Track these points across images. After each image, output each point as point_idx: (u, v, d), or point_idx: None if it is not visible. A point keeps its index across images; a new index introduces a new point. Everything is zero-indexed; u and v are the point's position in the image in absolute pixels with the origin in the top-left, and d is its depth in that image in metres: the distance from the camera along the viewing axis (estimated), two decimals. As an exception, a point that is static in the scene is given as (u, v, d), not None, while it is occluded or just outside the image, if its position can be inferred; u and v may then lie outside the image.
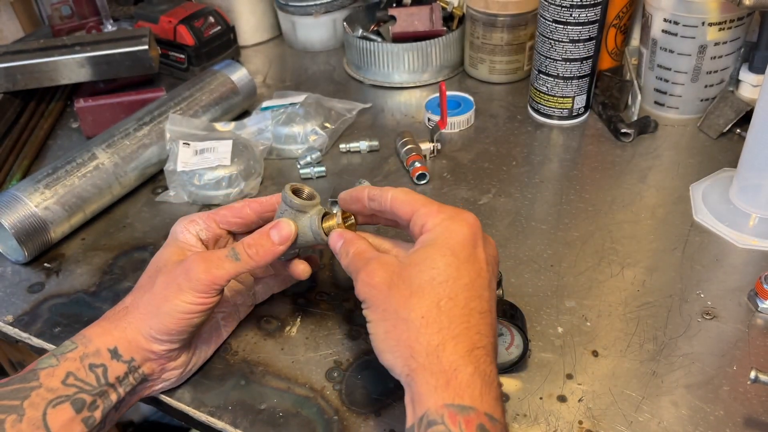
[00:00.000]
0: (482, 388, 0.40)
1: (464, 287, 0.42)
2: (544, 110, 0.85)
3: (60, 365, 0.47)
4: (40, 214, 0.66)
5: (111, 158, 0.73)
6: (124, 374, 0.48)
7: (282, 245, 0.50)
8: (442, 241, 0.43)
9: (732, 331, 0.56)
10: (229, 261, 0.49)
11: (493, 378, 0.41)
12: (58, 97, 0.96)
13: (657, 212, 0.69)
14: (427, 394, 0.40)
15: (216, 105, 0.85)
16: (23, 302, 0.64)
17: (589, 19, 0.76)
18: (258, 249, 0.50)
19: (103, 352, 0.48)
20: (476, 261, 0.44)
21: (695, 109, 0.83)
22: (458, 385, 0.39)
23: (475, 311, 0.42)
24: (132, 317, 0.49)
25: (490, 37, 0.90)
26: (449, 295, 0.42)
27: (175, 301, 0.48)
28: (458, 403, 0.39)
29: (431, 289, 0.42)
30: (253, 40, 1.10)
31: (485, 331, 0.42)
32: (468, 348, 0.41)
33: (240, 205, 0.55)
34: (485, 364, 0.41)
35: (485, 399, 0.40)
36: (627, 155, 0.78)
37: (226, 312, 0.57)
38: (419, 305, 0.42)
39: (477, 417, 0.39)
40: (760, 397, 0.50)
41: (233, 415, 0.52)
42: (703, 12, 0.74)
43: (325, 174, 0.78)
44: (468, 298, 0.42)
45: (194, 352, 0.54)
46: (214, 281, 0.48)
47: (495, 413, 0.40)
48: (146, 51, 0.89)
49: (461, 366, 0.40)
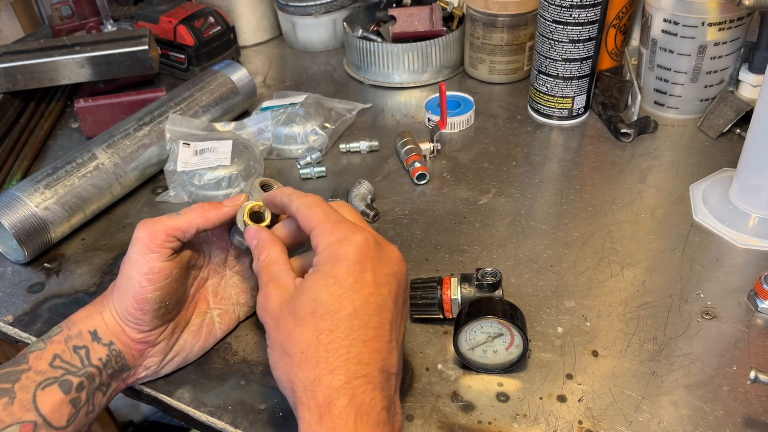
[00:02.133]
0: (357, 418, 0.40)
1: (346, 318, 0.42)
2: (544, 110, 0.85)
3: (47, 348, 0.48)
4: (40, 214, 0.67)
5: (111, 158, 0.73)
6: (107, 357, 0.49)
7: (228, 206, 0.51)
8: (327, 270, 0.43)
9: (732, 331, 0.56)
10: (169, 217, 0.50)
11: (373, 405, 0.41)
12: (58, 97, 0.96)
13: (657, 212, 0.69)
14: (304, 426, 0.40)
15: (216, 105, 0.85)
16: (23, 302, 0.64)
17: (589, 19, 0.76)
18: (201, 204, 0.51)
19: (84, 334, 0.49)
20: (363, 287, 0.43)
21: (695, 110, 0.83)
22: (330, 419, 0.40)
23: (358, 340, 0.42)
24: (108, 301, 0.51)
25: (490, 37, 0.90)
26: (329, 328, 0.41)
27: (130, 271, 0.49)
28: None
29: (312, 322, 0.42)
30: (253, 40, 1.11)
31: (368, 359, 0.42)
32: (344, 380, 0.40)
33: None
34: (364, 393, 0.41)
35: (360, 428, 0.39)
36: (627, 155, 0.78)
37: (223, 309, 0.57)
38: (300, 339, 0.42)
39: None
40: (759, 397, 0.50)
41: (233, 415, 0.52)
42: (703, 12, 0.74)
43: (325, 174, 0.78)
44: (350, 328, 0.42)
45: (176, 342, 0.54)
46: (155, 236, 0.49)
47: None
48: (146, 51, 0.89)
49: (335, 399, 0.40)
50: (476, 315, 0.51)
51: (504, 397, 0.52)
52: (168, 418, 1.22)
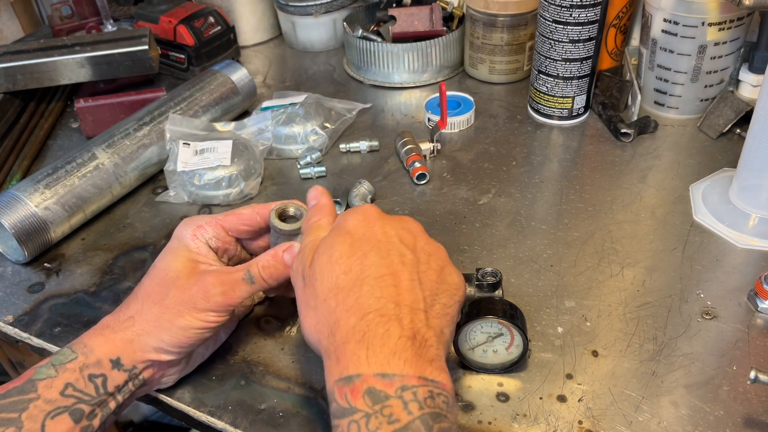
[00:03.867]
0: (368, 352, 0.39)
1: (358, 260, 0.43)
2: (544, 110, 0.85)
3: (59, 376, 0.46)
4: (40, 214, 0.66)
5: (111, 158, 0.73)
6: (124, 382, 0.48)
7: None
8: (338, 224, 0.46)
9: (732, 331, 0.56)
10: (245, 284, 0.50)
11: (387, 336, 0.39)
12: (58, 97, 0.96)
13: (657, 212, 0.69)
14: (327, 376, 0.40)
15: (216, 105, 0.85)
16: (23, 302, 0.64)
17: (589, 19, 0.76)
18: (272, 272, 0.51)
19: (104, 363, 0.48)
20: (372, 236, 0.44)
21: (695, 109, 0.83)
22: (344, 357, 0.39)
23: (370, 278, 0.42)
24: (140, 328, 0.49)
25: (490, 37, 0.90)
26: (344, 271, 0.42)
27: (188, 317, 0.49)
28: (345, 375, 0.39)
29: (329, 269, 0.43)
30: (253, 40, 1.11)
31: (380, 293, 0.41)
32: (358, 316, 0.40)
33: (249, 213, 0.55)
34: (377, 326, 0.40)
35: (373, 360, 0.38)
36: (627, 155, 0.78)
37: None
38: (322, 288, 0.43)
39: (362, 382, 0.38)
40: (759, 397, 0.50)
41: (233, 415, 0.52)
42: (703, 12, 0.74)
43: (325, 174, 0.78)
44: (363, 268, 0.42)
45: (192, 357, 0.54)
46: (230, 303, 0.50)
47: (388, 368, 0.38)
48: (146, 51, 0.89)
49: (349, 336, 0.40)
50: (476, 315, 0.51)
51: (504, 397, 0.52)
52: (168, 418, 1.22)
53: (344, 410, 0.38)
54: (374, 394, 0.37)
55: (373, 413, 0.37)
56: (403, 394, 0.37)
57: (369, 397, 0.37)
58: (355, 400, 0.38)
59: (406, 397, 0.37)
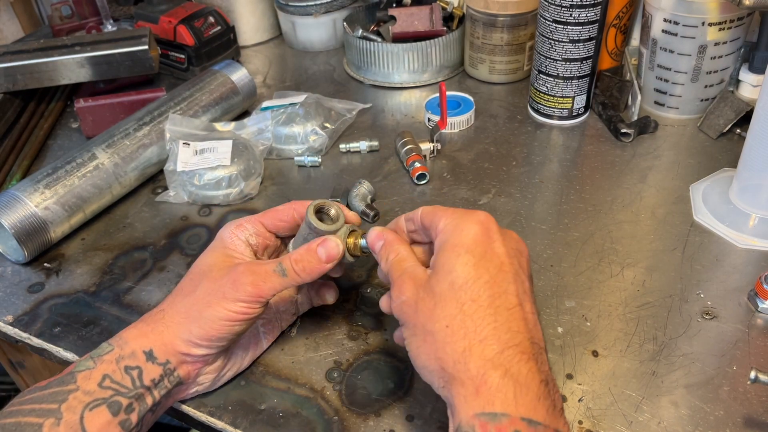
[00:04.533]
0: (516, 391, 0.38)
1: (485, 285, 0.41)
2: (544, 110, 0.85)
3: (97, 367, 0.47)
4: (40, 214, 0.66)
5: (111, 158, 0.73)
6: (160, 377, 0.48)
7: (329, 263, 0.50)
8: (454, 241, 0.43)
9: (732, 331, 0.56)
10: (276, 276, 0.49)
11: (531, 377, 0.39)
12: (58, 97, 0.96)
13: (657, 212, 0.69)
14: (460, 406, 0.38)
15: (216, 105, 0.85)
16: (23, 302, 0.64)
17: (589, 19, 0.76)
18: (305, 265, 0.49)
19: (138, 354, 0.48)
20: (494, 256, 0.42)
21: (695, 109, 0.83)
22: (488, 391, 0.38)
23: (502, 308, 0.40)
24: (170, 320, 0.49)
25: (490, 37, 0.90)
26: (471, 298, 0.41)
27: (217, 307, 0.48)
28: (489, 410, 0.37)
29: (452, 295, 0.41)
30: (253, 40, 1.11)
31: (517, 327, 0.40)
32: (497, 350, 0.39)
33: (284, 209, 0.54)
34: (519, 363, 0.39)
35: (521, 401, 0.37)
36: (627, 155, 0.78)
37: (267, 319, 0.56)
38: (443, 314, 0.41)
39: (510, 423, 0.37)
40: (760, 397, 0.50)
41: (233, 415, 0.52)
42: (703, 12, 0.74)
43: (318, 164, 0.80)
44: (491, 296, 0.41)
45: (230, 358, 0.53)
46: (260, 294, 0.48)
47: (535, 415, 0.37)
48: (146, 51, 0.89)
49: (489, 370, 0.38)
50: None
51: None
52: (168, 418, 1.22)
53: None
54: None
55: None
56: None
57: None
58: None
59: None
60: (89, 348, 0.58)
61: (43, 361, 0.87)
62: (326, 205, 0.52)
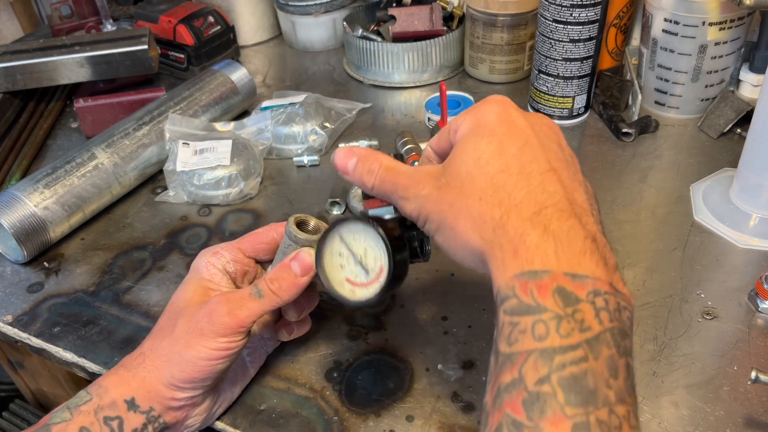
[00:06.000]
0: (557, 247, 0.35)
1: (514, 156, 0.39)
2: (544, 110, 0.85)
3: (74, 419, 0.44)
4: (39, 213, 0.66)
5: (110, 158, 0.73)
6: (143, 425, 0.46)
7: (305, 276, 0.47)
8: (475, 126, 0.41)
9: (732, 331, 0.56)
10: (253, 300, 0.46)
11: (574, 233, 0.36)
12: (57, 97, 0.96)
13: (657, 212, 0.69)
14: (498, 271, 0.36)
15: (216, 105, 0.85)
16: (23, 302, 0.64)
17: (590, 18, 0.76)
18: (281, 283, 0.47)
19: (119, 404, 0.45)
20: (517, 130, 0.40)
21: (695, 109, 0.83)
22: (526, 250, 0.35)
23: (535, 172, 0.38)
24: (151, 365, 0.47)
25: (490, 36, 0.90)
26: (500, 169, 0.38)
27: (197, 347, 0.45)
28: (528, 269, 0.35)
29: (480, 170, 0.39)
30: (253, 39, 1.10)
31: (553, 188, 0.38)
32: (534, 210, 0.37)
33: (264, 230, 0.52)
34: (560, 220, 0.36)
35: (562, 257, 0.35)
36: (627, 155, 0.78)
37: (252, 347, 0.54)
38: (473, 189, 0.38)
39: (552, 279, 0.34)
40: (760, 398, 0.50)
41: (233, 415, 0.52)
42: (703, 12, 0.74)
43: (318, 163, 0.79)
44: (522, 164, 0.38)
45: (219, 395, 0.51)
46: (239, 324, 0.46)
47: (580, 269, 0.35)
48: (146, 51, 0.89)
49: (527, 229, 0.36)
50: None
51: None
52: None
53: (528, 307, 0.34)
54: (565, 294, 0.34)
55: (564, 316, 0.33)
56: (595, 300, 0.34)
57: (560, 297, 0.34)
58: (544, 298, 0.34)
59: (598, 303, 0.34)
60: (88, 348, 0.59)
61: (42, 361, 0.87)
62: (306, 218, 0.50)
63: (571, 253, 0.35)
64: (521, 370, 0.33)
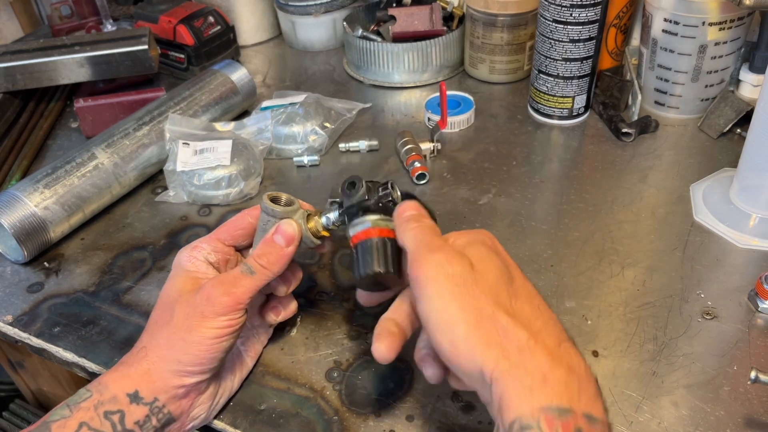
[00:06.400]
0: (580, 385, 0.36)
1: (521, 285, 0.41)
2: (544, 110, 0.85)
3: (73, 416, 0.44)
4: (39, 213, 0.66)
5: (110, 158, 0.73)
6: (145, 417, 0.46)
7: (290, 246, 0.49)
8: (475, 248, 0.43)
9: (732, 331, 0.56)
10: (246, 277, 0.48)
11: (588, 372, 0.38)
12: (57, 97, 0.96)
13: (657, 212, 0.69)
14: (520, 397, 0.36)
15: (216, 105, 0.85)
16: (23, 302, 0.64)
17: (590, 18, 0.76)
18: (269, 257, 0.49)
19: (120, 398, 0.46)
20: (511, 266, 0.43)
21: (695, 109, 0.83)
22: (557, 383, 0.36)
23: (543, 307, 0.40)
24: (154, 355, 0.47)
25: (490, 37, 0.90)
26: (515, 292, 0.40)
27: (200, 329, 0.46)
28: (556, 405, 0.35)
29: (503, 286, 0.40)
30: (253, 39, 1.10)
31: (560, 325, 0.40)
32: (555, 342, 0.38)
33: (239, 217, 0.53)
34: (577, 357, 0.38)
35: (584, 397, 0.36)
36: (627, 155, 0.78)
37: (244, 336, 0.55)
38: (501, 302, 0.39)
39: (574, 420, 0.35)
40: (760, 398, 0.50)
41: (233, 415, 0.52)
42: (703, 12, 0.74)
43: (318, 163, 0.80)
44: (529, 295, 0.41)
45: (221, 383, 0.52)
46: (237, 301, 0.47)
47: (595, 411, 0.36)
48: (146, 51, 0.89)
49: (556, 361, 0.36)
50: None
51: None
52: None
53: None
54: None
55: None
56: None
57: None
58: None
59: None
60: (88, 348, 0.59)
61: (42, 361, 0.87)
62: (278, 194, 0.52)
63: (588, 394, 0.36)
64: None
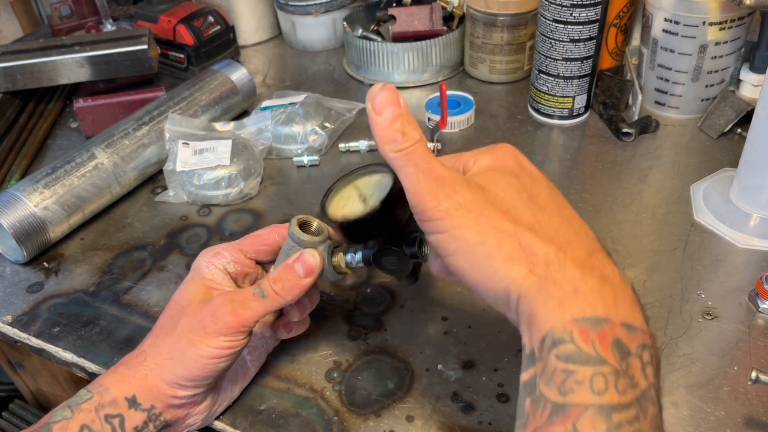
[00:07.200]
0: (616, 294, 0.34)
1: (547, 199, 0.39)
2: (544, 110, 0.85)
3: (74, 417, 0.44)
4: (39, 213, 0.66)
5: (110, 158, 0.73)
6: (143, 423, 0.46)
7: (308, 278, 0.47)
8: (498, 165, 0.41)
9: (732, 332, 0.56)
10: (256, 300, 0.46)
11: (623, 281, 0.36)
12: (57, 97, 0.96)
13: (657, 212, 0.69)
14: (551, 311, 0.34)
15: (216, 105, 0.85)
16: (22, 302, 0.64)
17: (590, 18, 0.76)
18: (284, 284, 0.46)
19: (120, 402, 0.45)
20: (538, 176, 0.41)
21: (696, 109, 0.83)
22: (589, 292, 0.34)
23: (573, 217, 0.38)
24: (152, 362, 0.47)
25: (490, 36, 0.90)
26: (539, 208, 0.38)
27: (200, 345, 0.45)
28: (590, 315, 0.33)
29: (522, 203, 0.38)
30: (252, 39, 1.10)
31: (591, 233, 0.38)
32: (586, 252, 0.36)
33: (266, 232, 0.52)
34: (610, 265, 0.36)
35: (620, 306, 0.34)
36: (627, 155, 0.78)
37: (253, 346, 0.54)
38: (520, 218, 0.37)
39: (611, 330, 0.33)
40: (760, 398, 0.50)
41: (233, 416, 0.52)
42: (703, 12, 0.74)
43: (318, 163, 0.79)
44: (558, 207, 0.39)
45: (220, 394, 0.51)
46: (242, 323, 0.46)
47: (633, 320, 0.34)
48: (146, 51, 0.89)
49: (587, 271, 0.35)
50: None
51: (504, 398, 0.52)
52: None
53: (588, 357, 0.33)
54: (621, 347, 0.33)
55: (621, 371, 0.32)
56: (642, 354, 0.33)
57: (617, 350, 0.33)
58: (605, 350, 0.32)
59: (645, 357, 0.33)
60: (88, 348, 0.59)
61: (42, 362, 0.87)
62: (309, 219, 0.50)
63: (625, 303, 0.34)
64: (576, 424, 0.32)
